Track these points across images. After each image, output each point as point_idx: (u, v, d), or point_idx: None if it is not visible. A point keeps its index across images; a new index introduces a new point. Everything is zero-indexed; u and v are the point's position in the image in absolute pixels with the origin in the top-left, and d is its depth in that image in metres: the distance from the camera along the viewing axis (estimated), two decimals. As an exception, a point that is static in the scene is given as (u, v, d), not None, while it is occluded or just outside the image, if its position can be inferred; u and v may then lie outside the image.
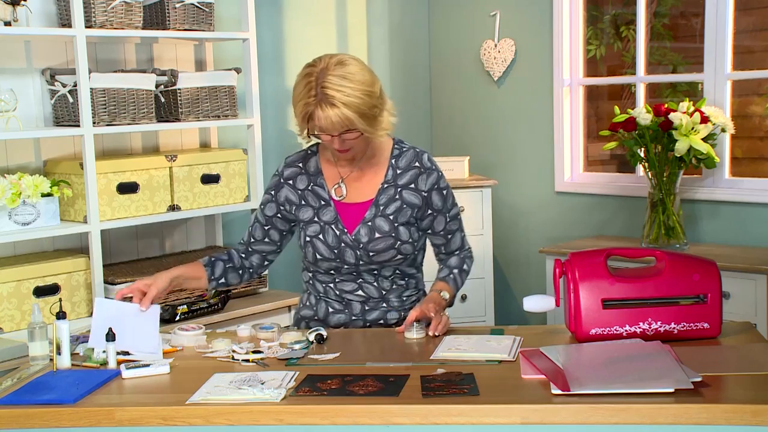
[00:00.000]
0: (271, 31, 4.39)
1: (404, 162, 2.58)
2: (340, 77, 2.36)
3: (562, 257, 2.80)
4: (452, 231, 2.66)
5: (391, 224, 2.54)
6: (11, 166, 3.48)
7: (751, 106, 4.50)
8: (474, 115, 4.94)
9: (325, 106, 2.35)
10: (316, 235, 2.57)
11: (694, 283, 2.27)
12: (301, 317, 2.70)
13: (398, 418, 1.88)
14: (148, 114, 3.59)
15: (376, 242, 2.53)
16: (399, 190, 2.56)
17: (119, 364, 2.22)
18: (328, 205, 2.58)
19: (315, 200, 2.59)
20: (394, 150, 2.60)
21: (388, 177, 2.57)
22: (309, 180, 2.61)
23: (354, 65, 2.42)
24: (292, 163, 2.66)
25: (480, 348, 2.25)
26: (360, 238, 2.53)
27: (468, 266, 2.70)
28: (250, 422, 1.91)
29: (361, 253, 2.54)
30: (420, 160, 2.58)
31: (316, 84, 2.36)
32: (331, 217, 2.57)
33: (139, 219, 3.58)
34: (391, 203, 2.55)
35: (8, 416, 1.96)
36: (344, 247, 2.54)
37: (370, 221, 2.54)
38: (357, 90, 2.37)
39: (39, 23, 3.46)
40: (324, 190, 2.60)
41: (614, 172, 4.66)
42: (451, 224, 2.64)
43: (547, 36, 4.60)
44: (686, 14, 4.79)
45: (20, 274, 3.28)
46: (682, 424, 1.81)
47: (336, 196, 2.58)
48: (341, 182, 2.59)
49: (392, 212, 2.55)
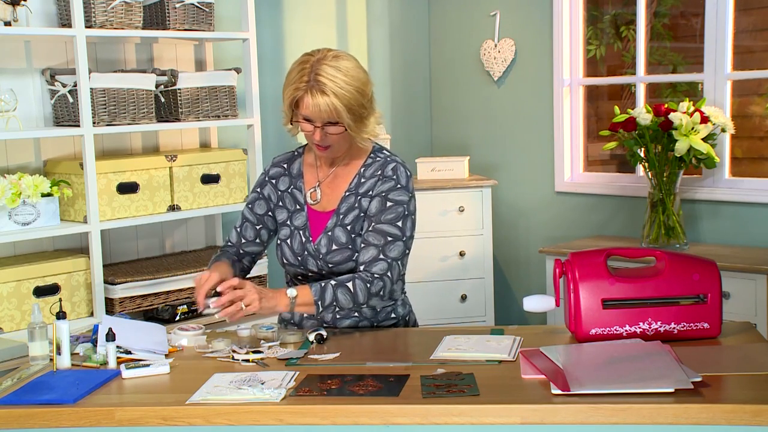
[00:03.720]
0: (271, 31, 4.39)
1: (371, 170, 2.52)
2: (335, 68, 2.36)
3: (562, 257, 2.80)
4: (368, 243, 2.43)
5: (348, 235, 2.48)
6: (11, 166, 3.48)
7: (751, 106, 4.50)
8: (474, 115, 4.94)
9: (315, 92, 2.34)
10: (285, 239, 2.57)
11: (694, 283, 2.27)
12: (281, 318, 2.68)
13: (398, 418, 1.88)
14: (148, 114, 3.59)
15: (333, 254, 2.49)
16: (359, 198, 2.51)
17: (119, 364, 2.22)
18: (302, 210, 2.56)
19: (291, 203, 2.58)
20: (368, 158, 2.55)
21: (351, 185, 2.53)
22: (290, 182, 2.60)
23: (350, 61, 2.42)
24: (278, 163, 2.65)
25: (480, 348, 2.25)
26: (320, 248, 2.50)
27: (355, 287, 2.37)
28: (250, 422, 1.91)
29: (321, 263, 2.51)
30: (384, 168, 2.50)
31: (310, 71, 2.36)
32: (302, 222, 2.55)
33: (139, 219, 3.58)
34: (350, 212, 2.50)
35: (8, 416, 1.96)
36: (307, 255, 2.52)
37: (330, 231, 2.51)
38: (349, 84, 2.36)
39: (39, 23, 3.46)
40: (301, 193, 2.58)
41: (614, 172, 4.66)
42: (370, 235, 2.43)
43: (547, 36, 4.60)
44: (686, 14, 4.79)
45: (20, 274, 3.28)
46: (682, 424, 1.81)
47: (311, 201, 2.56)
48: (317, 186, 2.57)
49: (350, 222, 2.50)
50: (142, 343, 2.31)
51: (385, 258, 2.42)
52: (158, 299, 3.53)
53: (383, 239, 2.43)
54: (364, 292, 2.39)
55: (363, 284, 2.39)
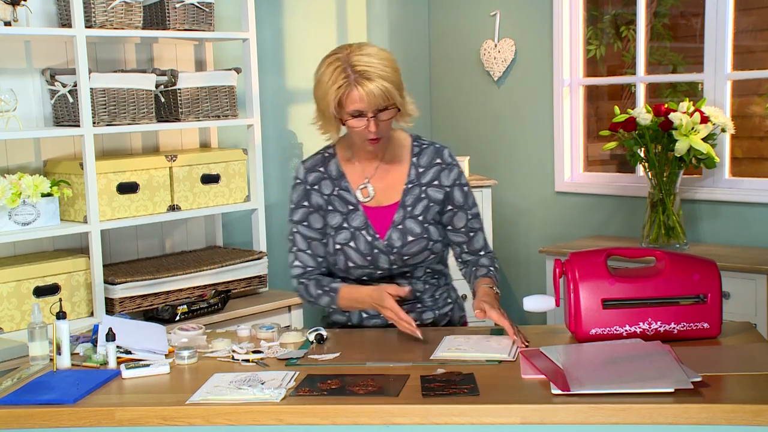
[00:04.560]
0: (271, 31, 4.39)
1: (425, 159, 2.54)
2: (368, 55, 2.36)
3: (562, 257, 2.80)
4: (474, 229, 2.58)
5: (421, 225, 2.50)
6: (11, 166, 3.48)
7: (751, 106, 4.50)
8: (474, 115, 4.94)
9: (362, 82, 2.33)
10: (346, 242, 2.50)
11: (694, 283, 2.27)
12: (333, 322, 2.61)
13: (398, 418, 1.88)
14: (148, 114, 3.59)
15: (409, 245, 2.48)
16: (424, 189, 2.52)
17: (119, 364, 2.22)
18: (357, 210, 2.52)
19: (342, 205, 2.52)
20: (414, 147, 2.56)
21: (411, 177, 2.53)
22: (333, 184, 2.54)
23: (375, 46, 2.42)
24: (312, 168, 2.57)
25: (480, 348, 2.25)
26: (393, 242, 2.48)
27: (498, 266, 2.63)
28: (250, 422, 1.91)
29: (395, 257, 2.49)
30: (441, 155, 2.55)
31: (346, 66, 2.35)
32: (361, 222, 2.51)
33: (139, 219, 3.58)
34: (418, 203, 2.51)
35: (8, 416, 1.96)
36: (378, 252, 2.49)
37: (401, 224, 2.49)
38: (386, 66, 2.36)
39: (39, 23, 3.46)
40: (350, 193, 2.53)
41: (614, 172, 4.66)
42: (472, 222, 2.58)
43: (547, 36, 4.60)
44: (686, 14, 4.79)
45: (20, 274, 3.28)
46: (682, 424, 1.81)
47: (363, 198, 2.53)
48: (367, 182, 2.54)
49: (420, 212, 2.51)
50: (142, 343, 2.31)
51: (485, 236, 2.64)
52: (158, 299, 3.53)
53: (479, 221, 2.61)
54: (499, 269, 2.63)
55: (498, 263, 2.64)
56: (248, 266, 3.81)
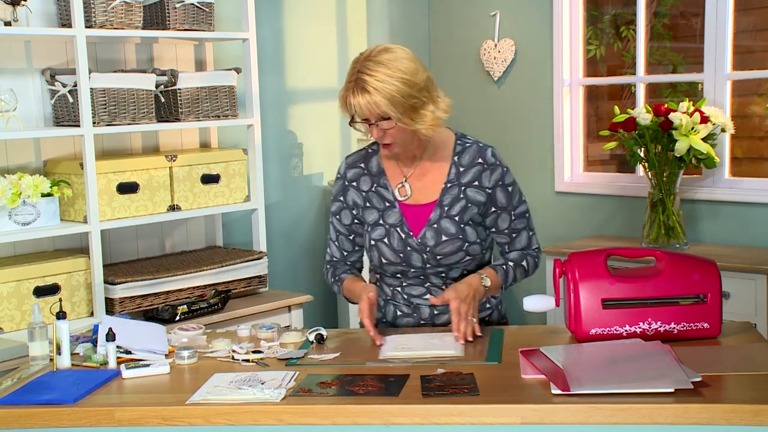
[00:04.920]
0: (271, 31, 4.39)
1: (467, 159, 2.50)
2: (378, 63, 2.31)
3: (562, 257, 2.80)
4: (518, 230, 2.54)
5: (457, 225, 2.47)
6: (11, 166, 3.48)
7: (751, 106, 4.50)
8: (474, 115, 4.94)
9: (357, 91, 2.31)
10: (381, 238, 2.51)
11: (694, 283, 2.27)
12: None
13: (398, 418, 1.88)
14: (148, 114, 3.59)
15: (443, 245, 2.46)
16: (463, 189, 2.48)
17: (119, 364, 2.22)
18: (393, 207, 2.51)
19: (380, 202, 2.53)
20: (457, 146, 2.52)
21: (451, 176, 2.49)
22: (372, 181, 2.55)
23: (398, 53, 2.36)
24: (353, 164, 2.59)
25: (424, 346, 2.27)
26: (426, 241, 2.47)
27: (528, 264, 2.56)
28: (250, 422, 1.91)
29: (428, 256, 2.47)
30: (483, 155, 2.50)
31: (356, 70, 2.34)
32: (396, 219, 2.50)
33: (139, 219, 3.58)
34: (455, 203, 2.48)
35: (8, 416, 1.96)
36: (410, 250, 2.48)
37: (436, 223, 2.47)
38: (392, 76, 2.30)
39: (39, 23, 3.46)
40: (388, 191, 2.53)
41: (614, 172, 4.66)
42: (516, 222, 2.53)
43: (547, 36, 4.60)
44: (686, 14, 4.79)
45: (20, 274, 3.28)
46: (682, 424, 1.81)
47: (400, 197, 2.52)
48: (405, 181, 2.52)
49: (457, 212, 2.47)
50: (142, 343, 2.31)
51: (534, 233, 2.59)
52: (158, 299, 3.53)
53: (525, 220, 2.56)
54: (533, 266, 2.59)
55: (533, 260, 2.58)
56: (248, 266, 3.81)
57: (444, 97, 2.46)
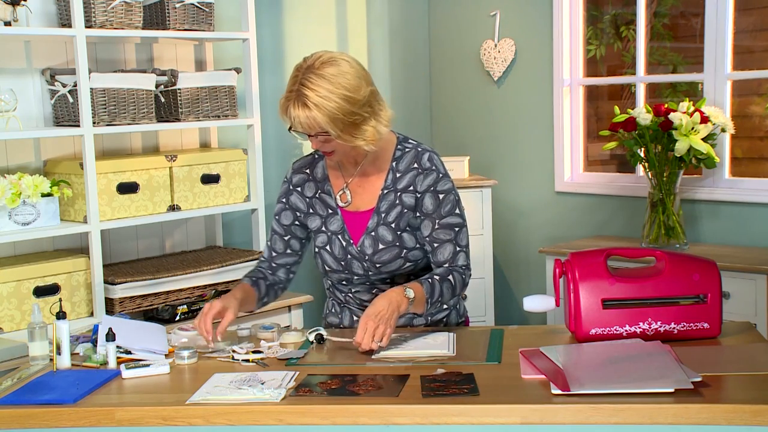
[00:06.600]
0: (271, 31, 4.39)
1: (404, 164, 2.45)
2: (321, 77, 2.25)
3: (562, 257, 2.80)
4: (440, 240, 2.42)
5: (394, 233, 2.44)
6: (11, 166, 3.48)
7: (751, 106, 4.50)
8: (474, 115, 4.94)
9: (297, 104, 2.26)
10: (323, 246, 2.50)
11: (694, 283, 2.27)
12: (328, 324, 2.64)
13: (398, 418, 1.88)
14: (148, 114, 3.59)
15: (380, 253, 2.44)
16: (399, 195, 2.44)
17: (119, 364, 2.22)
18: (335, 214, 2.50)
19: (323, 208, 2.52)
20: (396, 152, 2.47)
21: (388, 182, 2.46)
22: (316, 187, 2.53)
23: (343, 66, 2.28)
24: (299, 169, 2.57)
25: (417, 345, 2.27)
26: (365, 249, 2.45)
27: (455, 281, 2.41)
28: (250, 422, 1.91)
29: (368, 264, 2.46)
30: (419, 160, 2.44)
31: (298, 80, 2.28)
32: (338, 226, 2.49)
33: (139, 219, 3.58)
34: (392, 210, 2.44)
35: (8, 416, 1.96)
36: (351, 258, 2.47)
37: (373, 231, 2.45)
38: (334, 93, 2.24)
39: (39, 23, 3.46)
40: (331, 197, 2.51)
41: (614, 172, 4.66)
42: (439, 232, 2.42)
43: (547, 36, 4.60)
44: (686, 14, 4.79)
45: (20, 274, 3.28)
46: (682, 424, 1.81)
47: (342, 203, 2.50)
48: (346, 188, 2.50)
49: (394, 219, 2.44)
50: (142, 343, 2.31)
51: (461, 249, 2.44)
52: (158, 299, 3.53)
53: (452, 232, 2.43)
54: (461, 283, 2.43)
55: (459, 276, 2.42)
56: (248, 266, 3.81)
57: (387, 110, 2.39)
